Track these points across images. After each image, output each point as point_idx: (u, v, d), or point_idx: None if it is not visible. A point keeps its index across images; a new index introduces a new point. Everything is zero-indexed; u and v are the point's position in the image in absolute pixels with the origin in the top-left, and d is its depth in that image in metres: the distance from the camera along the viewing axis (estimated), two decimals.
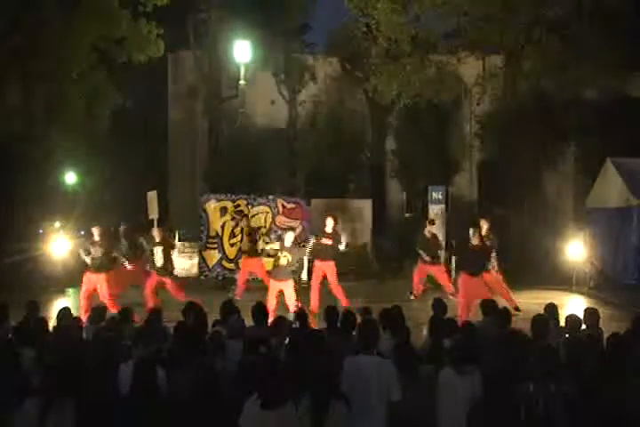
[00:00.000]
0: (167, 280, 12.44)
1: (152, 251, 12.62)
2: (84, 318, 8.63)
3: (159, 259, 12.45)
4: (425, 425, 5.49)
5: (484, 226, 12.72)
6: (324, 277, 12.74)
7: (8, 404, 4.99)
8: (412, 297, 13.65)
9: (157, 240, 12.65)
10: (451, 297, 12.83)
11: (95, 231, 12.07)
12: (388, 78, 19.47)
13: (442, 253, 14.59)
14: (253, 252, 14.22)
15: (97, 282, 11.76)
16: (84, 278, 11.88)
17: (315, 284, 12.68)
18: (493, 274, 12.49)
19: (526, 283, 15.20)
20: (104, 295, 11.64)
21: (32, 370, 5.83)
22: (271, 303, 11.11)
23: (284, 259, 11.58)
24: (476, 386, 5.42)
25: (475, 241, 11.40)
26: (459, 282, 11.60)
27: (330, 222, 12.91)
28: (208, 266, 15.55)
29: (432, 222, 14.42)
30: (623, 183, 15.80)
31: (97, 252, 11.84)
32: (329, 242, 12.71)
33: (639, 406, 5.14)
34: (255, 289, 14.57)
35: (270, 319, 7.44)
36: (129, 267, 12.59)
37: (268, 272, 12.69)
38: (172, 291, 12.42)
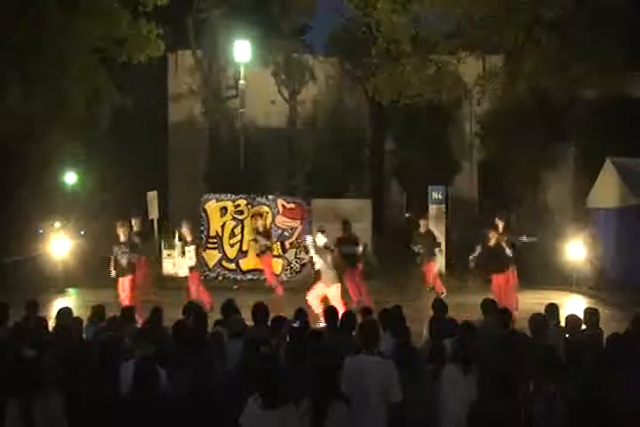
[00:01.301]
0: (195, 275, 12.63)
1: (182, 250, 12.69)
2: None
3: (191, 258, 12.53)
4: (425, 425, 5.49)
5: (500, 225, 12.52)
6: None
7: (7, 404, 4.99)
8: (442, 294, 13.59)
9: (189, 239, 12.72)
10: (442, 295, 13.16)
11: (121, 232, 11.68)
12: (387, 78, 19.46)
13: (437, 251, 14.58)
14: (266, 249, 14.53)
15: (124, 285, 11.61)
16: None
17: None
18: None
19: (526, 283, 15.17)
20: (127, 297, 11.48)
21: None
22: (315, 304, 10.99)
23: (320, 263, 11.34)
24: (476, 386, 5.43)
25: (492, 241, 11.72)
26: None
27: (343, 226, 13.26)
28: (208, 266, 15.55)
29: (425, 218, 14.70)
30: (623, 183, 15.80)
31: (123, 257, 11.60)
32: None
33: (639, 407, 5.14)
34: (255, 289, 14.60)
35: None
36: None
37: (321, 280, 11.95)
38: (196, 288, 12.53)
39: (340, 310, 10.73)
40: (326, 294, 11.19)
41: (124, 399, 5.20)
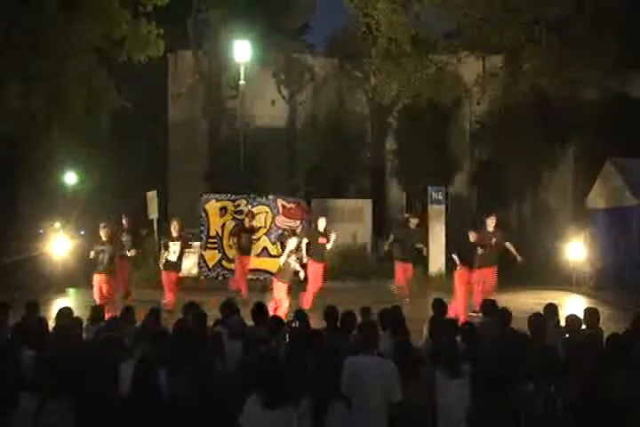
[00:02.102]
0: (173, 276, 12.57)
1: (167, 245, 12.75)
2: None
3: (173, 254, 12.58)
4: (425, 425, 5.49)
5: (491, 223, 12.74)
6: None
7: (8, 404, 4.99)
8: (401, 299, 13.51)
9: (175, 235, 12.78)
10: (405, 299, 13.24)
11: (103, 232, 11.82)
12: (387, 78, 19.47)
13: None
14: (248, 250, 14.43)
15: (103, 282, 11.64)
16: (95, 280, 11.76)
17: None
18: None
19: (526, 283, 15.20)
20: (107, 295, 11.52)
21: (31, 370, 5.83)
22: (284, 305, 11.10)
23: (296, 263, 11.59)
24: (469, 388, 5.43)
25: (472, 238, 11.99)
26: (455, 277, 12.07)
27: (322, 222, 13.29)
28: (208, 266, 15.53)
29: (415, 216, 14.61)
30: (623, 183, 15.80)
31: (105, 254, 11.70)
32: (324, 241, 13.08)
33: (639, 407, 5.14)
34: (255, 289, 14.61)
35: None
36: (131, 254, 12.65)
37: (276, 273, 12.17)
38: (171, 286, 12.50)
39: (282, 305, 11.04)
40: (275, 287, 11.39)
41: (123, 400, 5.19)
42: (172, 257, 12.70)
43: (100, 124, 18.53)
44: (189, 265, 16.00)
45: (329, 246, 13.20)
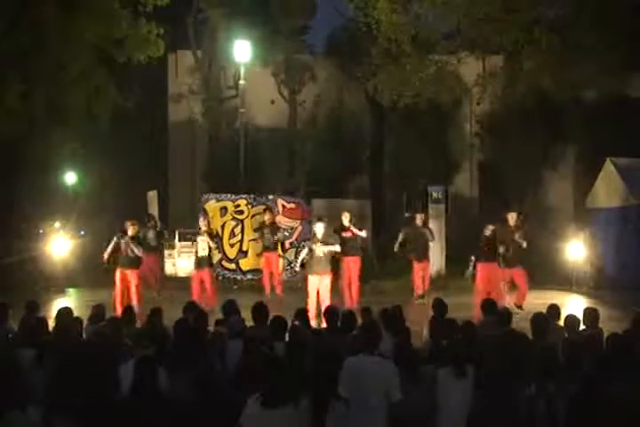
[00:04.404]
0: (206, 273, 12.40)
1: (195, 240, 12.60)
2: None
3: (202, 249, 12.33)
4: (425, 425, 5.49)
5: (512, 219, 12.68)
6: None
7: (8, 405, 4.98)
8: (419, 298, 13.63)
9: (203, 229, 12.51)
10: (418, 300, 13.31)
11: (130, 229, 11.61)
12: (388, 78, 19.46)
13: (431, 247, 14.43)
14: (274, 246, 14.43)
15: (129, 278, 11.47)
16: (118, 276, 11.56)
17: (345, 279, 12.66)
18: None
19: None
20: (134, 292, 11.38)
21: (32, 370, 5.83)
22: (312, 300, 10.81)
23: (319, 250, 11.02)
24: (472, 389, 5.42)
25: (487, 233, 12.14)
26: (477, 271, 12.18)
27: (346, 217, 12.92)
28: None
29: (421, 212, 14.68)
30: (623, 183, 15.79)
31: (129, 248, 11.49)
32: (349, 235, 12.65)
33: (639, 406, 5.13)
34: (255, 289, 14.62)
35: (313, 319, 7.39)
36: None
37: (305, 266, 11.92)
38: (208, 286, 12.35)
39: (326, 302, 10.77)
40: (319, 286, 11.09)
41: (123, 400, 5.19)
42: (203, 253, 12.35)
43: (100, 124, 18.54)
44: (190, 265, 16.02)
45: (363, 235, 12.81)
